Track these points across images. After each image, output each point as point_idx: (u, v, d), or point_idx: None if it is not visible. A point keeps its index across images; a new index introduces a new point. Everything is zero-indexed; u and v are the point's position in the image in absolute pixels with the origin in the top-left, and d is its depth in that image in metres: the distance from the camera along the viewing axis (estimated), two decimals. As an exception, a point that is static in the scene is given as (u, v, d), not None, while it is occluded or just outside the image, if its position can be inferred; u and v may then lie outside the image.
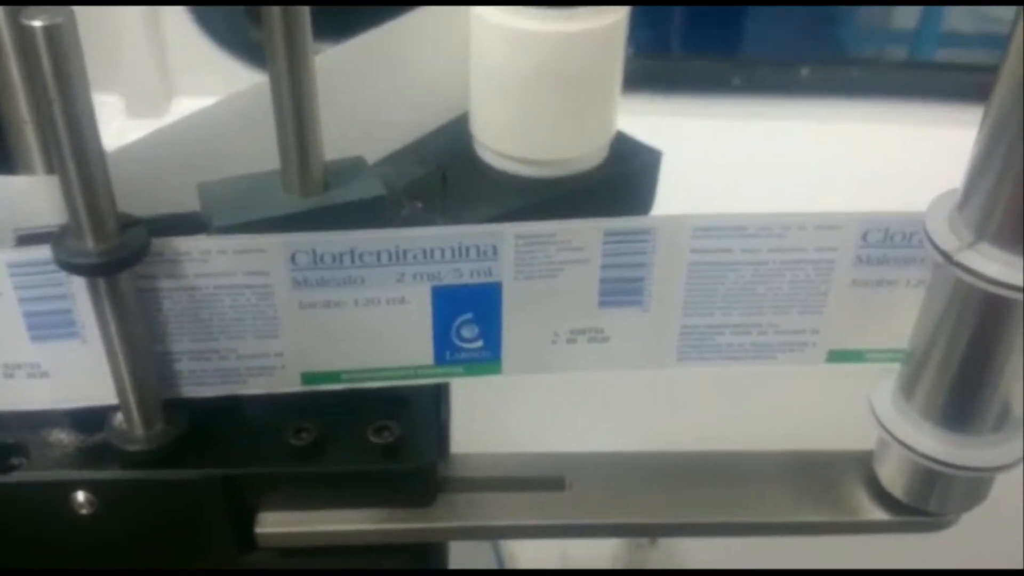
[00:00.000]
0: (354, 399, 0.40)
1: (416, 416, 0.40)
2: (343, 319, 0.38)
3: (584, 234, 0.37)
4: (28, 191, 0.38)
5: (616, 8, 0.53)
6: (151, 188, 0.37)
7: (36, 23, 0.30)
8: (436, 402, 0.41)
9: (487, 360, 0.40)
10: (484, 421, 0.45)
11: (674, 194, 0.62)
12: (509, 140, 0.57)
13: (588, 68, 0.54)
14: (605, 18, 0.53)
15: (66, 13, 0.30)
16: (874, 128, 0.97)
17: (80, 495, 0.38)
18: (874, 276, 0.39)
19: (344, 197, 0.38)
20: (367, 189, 0.39)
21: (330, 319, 0.38)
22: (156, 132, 0.40)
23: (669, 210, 0.38)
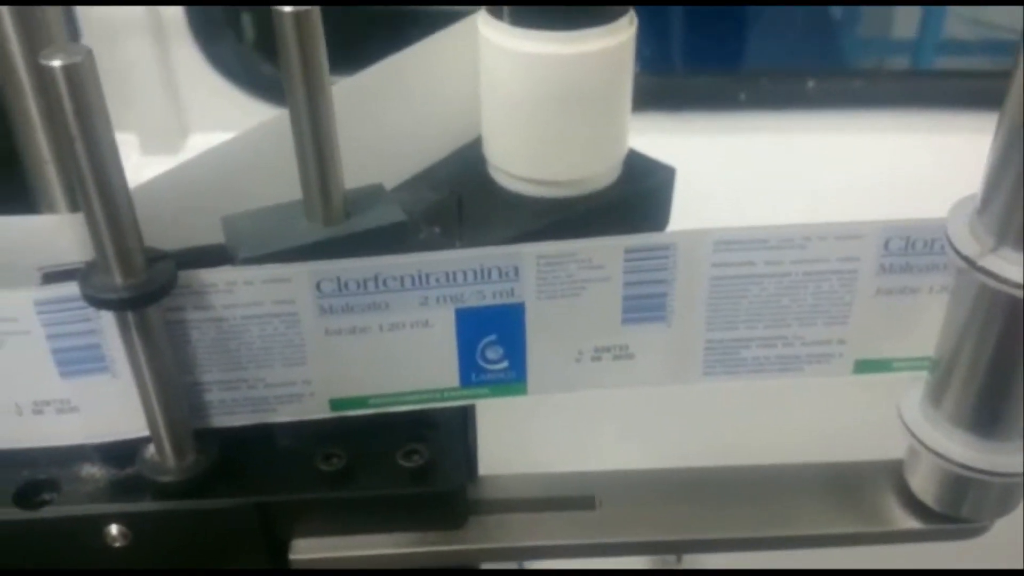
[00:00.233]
0: (382, 423, 0.40)
1: (444, 439, 0.40)
2: (369, 344, 0.38)
3: (605, 252, 0.37)
4: (52, 230, 0.39)
5: (624, 27, 0.53)
6: (175, 222, 0.38)
7: (55, 63, 0.30)
8: (463, 424, 0.41)
9: (512, 381, 0.40)
10: (510, 441, 0.46)
11: (686, 212, 0.62)
12: (522, 162, 0.58)
13: (598, 88, 0.55)
14: (613, 38, 0.53)
15: (84, 51, 0.31)
16: (881, 138, 0.97)
17: (113, 528, 0.38)
18: (897, 284, 0.39)
19: (366, 224, 0.39)
20: (388, 215, 0.39)
21: (356, 345, 0.38)
22: (178, 167, 0.41)
23: (683, 227, 0.38)
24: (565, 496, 0.42)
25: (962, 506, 0.40)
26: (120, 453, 0.39)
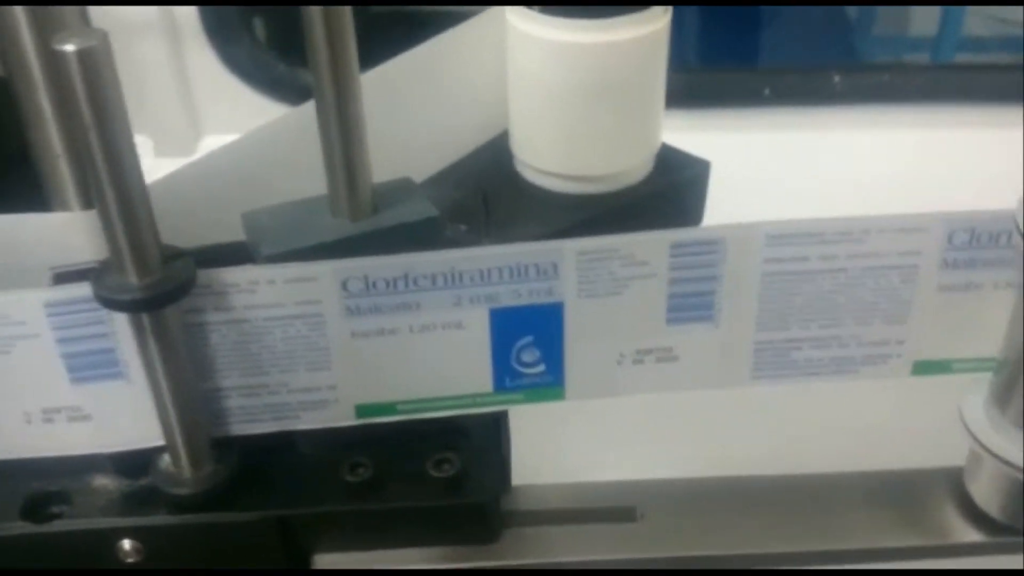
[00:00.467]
0: (411, 431, 0.38)
1: (477, 447, 0.38)
2: (398, 347, 0.36)
3: (649, 247, 0.35)
4: (64, 228, 0.37)
5: (658, 15, 0.51)
6: (194, 219, 0.36)
7: (69, 47, 0.28)
8: (497, 431, 0.39)
9: (549, 385, 0.38)
10: (545, 448, 0.43)
11: (713, 210, 0.60)
12: (551, 157, 0.56)
13: (631, 78, 0.52)
14: (647, 26, 0.51)
15: (99, 35, 0.29)
16: (911, 134, 0.94)
17: (127, 543, 0.36)
18: (961, 280, 0.36)
19: (395, 220, 0.37)
20: (418, 211, 0.37)
21: (384, 348, 0.36)
22: (197, 161, 0.39)
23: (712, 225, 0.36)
24: (604, 507, 0.39)
25: (1030, 516, 0.38)
26: (134, 463, 0.37)
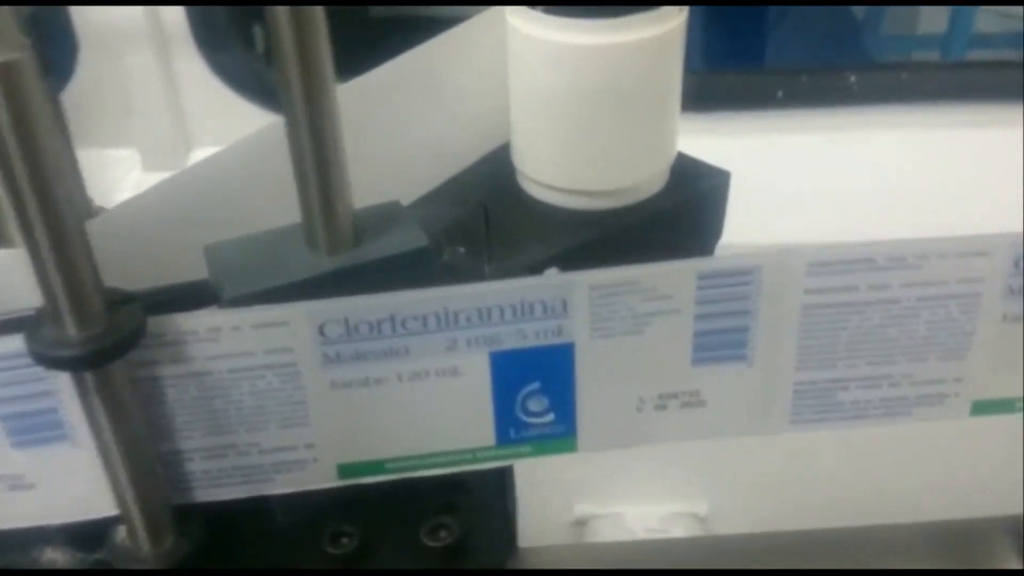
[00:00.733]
0: (403, 492, 0.33)
1: (478, 508, 0.34)
2: (385, 398, 0.31)
3: (673, 279, 0.30)
4: (2, 267, 0.32)
5: (672, 13, 0.46)
6: (143, 256, 0.31)
7: (-13, 61, 0.24)
8: (500, 489, 0.34)
9: (559, 436, 0.33)
10: (554, 499, 0.39)
11: (730, 220, 0.56)
12: (557, 170, 0.51)
13: (643, 83, 0.48)
14: (660, 26, 0.46)
15: (22, 45, 0.24)
16: (931, 134, 0.90)
17: (80, 627, 0.32)
18: (1030, 309, 0.32)
19: (379, 252, 0.32)
20: (406, 240, 0.33)
21: (369, 400, 0.31)
22: (146, 192, 0.34)
23: (733, 239, 0.31)
24: (627, 571, 0.35)
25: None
26: (87, 536, 0.32)
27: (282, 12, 0.29)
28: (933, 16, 1.80)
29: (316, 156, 0.31)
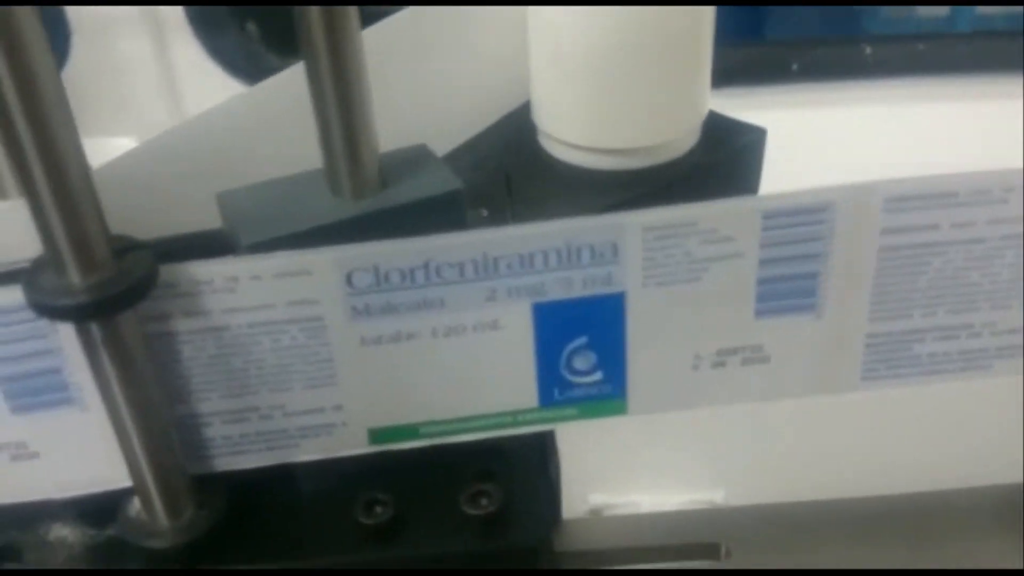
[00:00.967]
0: (438, 459, 0.30)
1: (520, 476, 0.31)
2: (418, 356, 0.29)
3: (736, 218, 0.28)
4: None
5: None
6: (154, 205, 0.28)
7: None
8: (543, 455, 0.32)
9: (608, 397, 0.30)
10: (600, 469, 0.36)
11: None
12: (582, 129, 0.48)
13: (674, 32, 0.45)
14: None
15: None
16: (951, 106, 0.87)
17: (92, 609, 0.29)
18: None
19: (409, 196, 0.29)
20: (437, 183, 0.30)
21: (401, 357, 0.29)
22: (158, 138, 0.32)
23: None
24: (681, 544, 0.32)
25: None
26: (97, 510, 0.30)
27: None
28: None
29: (338, 91, 0.28)
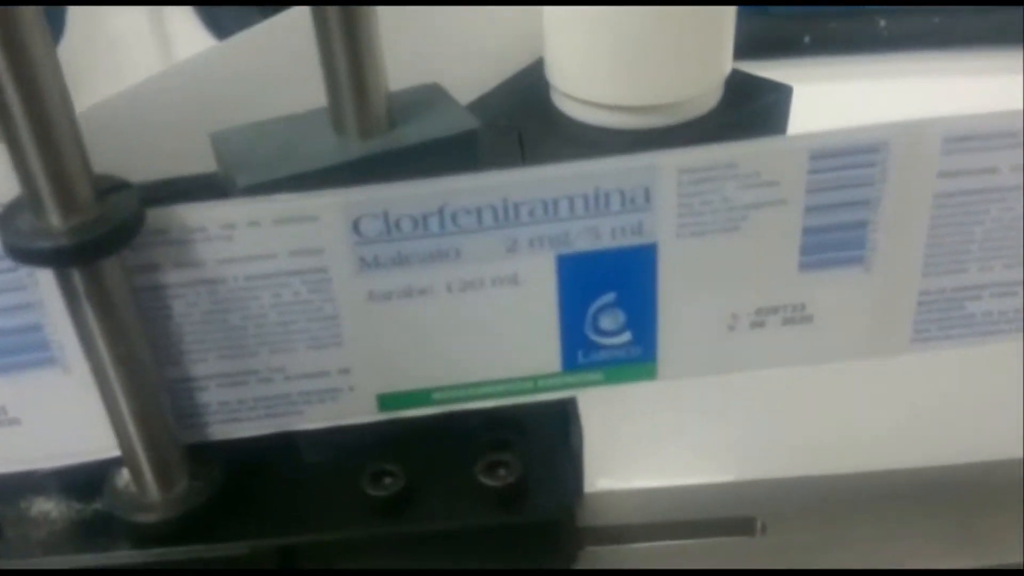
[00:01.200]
0: (452, 427, 0.28)
1: (540, 445, 0.29)
2: (432, 313, 0.26)
3: (780, 160, 0.25)
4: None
5: None
6: (140, 150, 0.26)
7: None
8: (565, 423, 0.29)
9: (637, 360, 0.28)
10: (624, 438, 0.34)
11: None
12: (600, 85, 0.46)
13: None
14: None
15: None
16: (970, 81, 0.85)
17: (77, 589, 0.27)
18: None
19: (420, 135, 0.27)
20: (451, 123, 0.27)
21: (413, 314, 0.26)
22: (148, 80, 0.29)
23: None
24: (712, 518, 0.30)
25: None
26: (83, 482, 0.28)
27: None
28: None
29: (343, 17, 0.26)
